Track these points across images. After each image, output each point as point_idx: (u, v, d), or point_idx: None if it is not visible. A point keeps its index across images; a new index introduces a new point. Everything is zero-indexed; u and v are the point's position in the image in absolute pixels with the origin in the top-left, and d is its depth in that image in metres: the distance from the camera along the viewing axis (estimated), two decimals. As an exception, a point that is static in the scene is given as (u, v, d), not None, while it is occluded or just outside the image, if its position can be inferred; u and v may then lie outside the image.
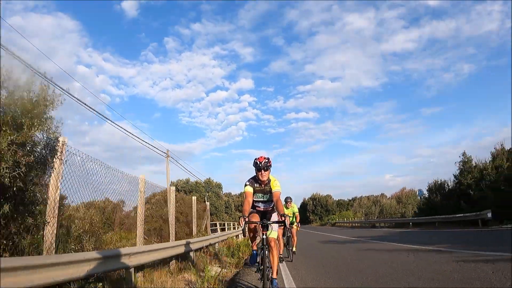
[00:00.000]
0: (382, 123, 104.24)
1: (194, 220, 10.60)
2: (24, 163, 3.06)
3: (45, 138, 3.56)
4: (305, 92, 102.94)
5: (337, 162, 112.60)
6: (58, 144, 3.62)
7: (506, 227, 11.51)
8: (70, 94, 7.05)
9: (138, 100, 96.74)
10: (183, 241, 6.71)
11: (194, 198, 10.91)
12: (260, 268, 3.69)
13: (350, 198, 60.76)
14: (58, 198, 3.55)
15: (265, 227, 3.61)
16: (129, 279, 4.10)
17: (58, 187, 3.53)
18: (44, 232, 3.34)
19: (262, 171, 3.76)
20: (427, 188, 21.90)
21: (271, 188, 3.89)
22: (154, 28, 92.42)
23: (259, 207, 4.10)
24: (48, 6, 75.92)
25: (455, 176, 19.01)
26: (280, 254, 6.32)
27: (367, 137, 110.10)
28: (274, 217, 4.00)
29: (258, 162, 3.77)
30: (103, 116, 21.71)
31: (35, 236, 3.34)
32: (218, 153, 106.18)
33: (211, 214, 20.72)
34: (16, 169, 2.99)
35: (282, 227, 3.39)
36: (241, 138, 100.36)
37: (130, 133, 13.66)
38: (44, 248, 3.30)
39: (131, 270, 4.14)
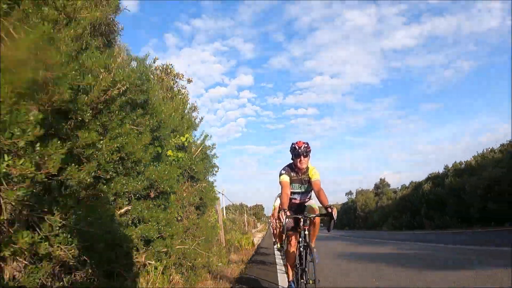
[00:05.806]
0: (382, 119, 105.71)
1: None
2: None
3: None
4: (304, 88, 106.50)
5: (336, 158, 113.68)
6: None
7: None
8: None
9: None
10: (254, 229, 29.76)
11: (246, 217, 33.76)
12: (299, 267, 3.14)
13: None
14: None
15: (305, 222, 3.06)
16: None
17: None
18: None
19: (302, 157, 3.13)
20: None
21: (309, 178, 3.26)
22: (154, 24, 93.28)
23: (295, 199, 3.41)
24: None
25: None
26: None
27: (366, 133, 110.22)
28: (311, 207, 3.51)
29: (297, 147, 3.14)
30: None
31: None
32: (217, 149, 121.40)
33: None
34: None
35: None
36: (240, 134, 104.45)
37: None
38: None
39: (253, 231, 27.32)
